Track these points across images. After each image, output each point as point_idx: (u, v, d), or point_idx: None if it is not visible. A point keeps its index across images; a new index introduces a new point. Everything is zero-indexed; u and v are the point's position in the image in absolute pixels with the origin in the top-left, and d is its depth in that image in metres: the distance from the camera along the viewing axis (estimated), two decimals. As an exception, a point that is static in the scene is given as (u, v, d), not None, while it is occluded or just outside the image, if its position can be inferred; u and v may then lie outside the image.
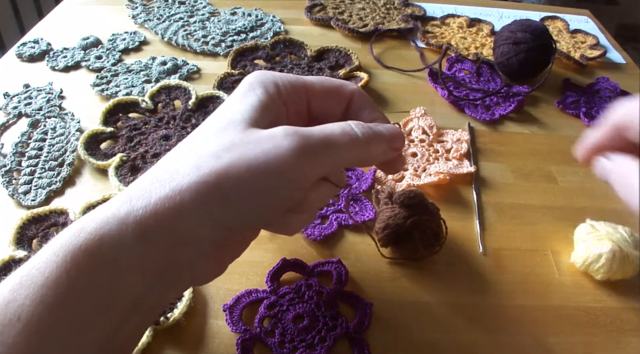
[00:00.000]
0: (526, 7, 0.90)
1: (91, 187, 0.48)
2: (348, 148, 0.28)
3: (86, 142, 0.51)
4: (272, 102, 0.30)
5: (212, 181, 0.25)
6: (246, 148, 0.26)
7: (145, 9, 0.77)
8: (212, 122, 0.29)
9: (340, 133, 0.28)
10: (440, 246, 0.42)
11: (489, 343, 0.37)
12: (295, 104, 0.31)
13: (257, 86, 0.30)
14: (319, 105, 0.32)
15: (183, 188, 0.25)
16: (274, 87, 0.30)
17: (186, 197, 0.24)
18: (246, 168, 0.25)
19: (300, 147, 0.26)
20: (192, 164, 0.26)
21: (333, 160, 0.28)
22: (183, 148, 0.28)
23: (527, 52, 0.62)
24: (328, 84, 0.32)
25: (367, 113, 0.32)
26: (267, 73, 0.31)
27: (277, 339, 0.36)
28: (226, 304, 0.37)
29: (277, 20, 0.77)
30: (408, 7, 0.82)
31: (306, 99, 0.32)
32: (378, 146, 0.30)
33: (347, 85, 0.32)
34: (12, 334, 0.22)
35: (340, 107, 0.32)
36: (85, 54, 0.66)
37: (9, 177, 0.48)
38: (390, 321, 0.38)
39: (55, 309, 0.23)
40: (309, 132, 0.27)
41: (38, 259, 0.24)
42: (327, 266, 0.41)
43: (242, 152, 0.26)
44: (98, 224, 0.24)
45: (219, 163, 0.25)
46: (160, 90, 0.59)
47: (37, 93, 0.59)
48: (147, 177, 0.26)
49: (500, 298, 0.40)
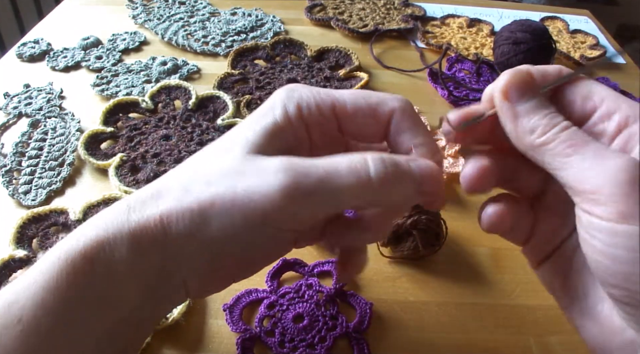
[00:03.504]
0: (526, 7, 0.90)
1: (91, 187, 0.48)
2: (353, 190, 0.24)
3: (86, 142, 0.51)
4: (289, 125, 0.26)
5: (195, 209, 0.24)
6: (237, 179, 0.24)
7: (145, 9, 0.77)
8: (223, 140, 0.27)
9: (346, 171, 0.24)
10: (440, 246, 0.42)
11: (489, 343, 0.37)
12: (320, 126, 0.27)
13: (279, 106, 0.27)
14: (352, 126, 0.27)
15: (170, 210, 0.24)
16: (295, 109, 0.26)
17: (172, 220, 0.24)
18: (231, 202, 0.24)
19: (291, 186, 0.23)
20: (184, 186, 0.25)
21: (331, 203, 0.24)
22: (190, 163, 0.27)
23: (527, 52, 0.62)
24: (362, 103, 0.27)
25: (408, 137, 0.27)
26: (296, 90, 0.27)
27: (277, 339, 0.36)
28: (226, 304, 0.37)
29: (277, 20, 0.77)
30: (408, 7, 0.82)
31: (335, 120, 0.27)
32: (400, 189, 0.25)
33: (385, 103, 0.27)
34: (13, 336, 0.22)
35: (378, 128, 0.27)
36: (86, 54, 0.66)
37: (9, 177, 0.48)
38: (390, 321, 0.38)
39: (54, 313, 0.23)
40: (309, 167, 0.24)
41: (42, 262, 0.24)
42: (327, 266, 0.41)
43: (232, 183, 0.24)
44: (97, 231, 0.24)
45: (206, 192, 0.24)
46: (160, 90, 0.59)
47: (38, 93, 0.59)
48: (149, 189, 0.26)
49: (500, 298, 0.40)
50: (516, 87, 0.24)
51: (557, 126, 0.23)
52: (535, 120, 0.24)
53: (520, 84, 0.24)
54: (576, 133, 0.23)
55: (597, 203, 0.21)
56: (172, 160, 0.50)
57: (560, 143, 0.23)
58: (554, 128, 0.23)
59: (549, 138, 0.23)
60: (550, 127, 0.23)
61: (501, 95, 0.25)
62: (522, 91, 0.24)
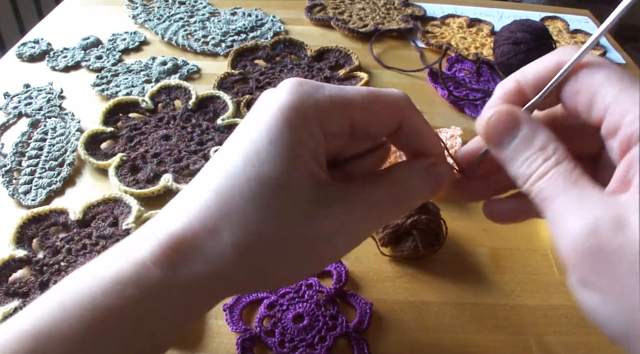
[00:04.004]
0: (526, 7, 0.90)
1: (91, 187, 0.48)
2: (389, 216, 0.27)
3: (86, 142, 0.51)
4: (312, 142, 0.24)
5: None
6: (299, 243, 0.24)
7: (145, 9, 0.77)
8: (250, 175, 0.23)
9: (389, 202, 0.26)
10: (440, 246, 0.42)
11: (489, 343, 0.37)
12: (334, 136, 0.26)
13: (298, 124, 0.23)
14: (363, 129, 0.26)
15: (227, 271, 0.24)
16: (315, 122, 0.24)
17: (234, 278, 0.24)
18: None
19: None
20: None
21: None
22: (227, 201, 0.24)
23: (527, 52, 0.62)
24: (376, 105, 0.26)
25: (415, 138, 0.28)
26: (306, 94, 0.24)
27: (277, 338, 0.36)
28: (226, 303, 0.37)
29: (277, 20, 0.77)
30: (408, 7, 0.82)
31: (349, 126, 0.25)
32: (419, 200, 0.28)
33: (398, 103, 0.26)
34: None
35: (388, 129, 0.27)
36: (86, 54, 0.66)
37: (9, 177, 0.48)
38: (390, 321, 0.38)
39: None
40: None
41: (66, 309, 0.23)
42: (327, 266, 0.41)
43: (295, 244, 0.24)
44: (142, 289, 0.23)
45: (270, 251, 0.24)
46: (160, 90, 0.59)
47: (38, 93, 0.59)
48: (190, 243, 0.23)
49: (500, 298, 0.40)
50: (495, 130, 0.24)
51: (534, 174, 0.22)
52: (516, 169, 0.23)
53: (500, 125, 0.24)
54: (550, 182, 0.22)
55: (565, 264, 0.21)
56: (172, 160, 0.50)
57: (536, 196, 0.22)
58: (531, 178, 0.23)
59: (528, 189, 0.23)
60: (526, 178, 0.23)
61: (484, 140, 0.25)
62: (501, 133, 0.24)
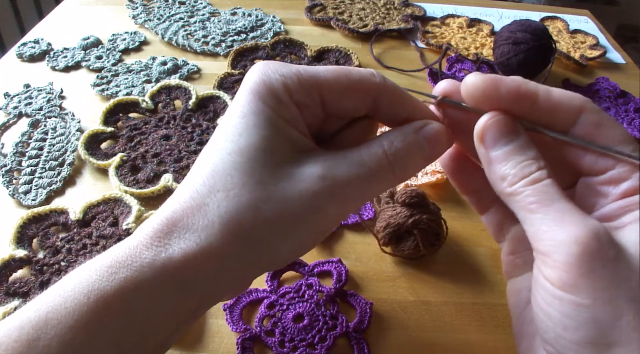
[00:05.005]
0: (526, 7, 0.90)
1: (91, 187, 0.48)
2: (378, 186, 0.26)
3: (86, 142, 0.51)
4: (286, 111, 0.25)
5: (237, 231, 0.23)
6: (284, 204, 0.24)
7: (145, 9, 0.77)
8: (229, 149, 0.24)
9: (374, 180, 0.25)
10: (440, 246, 0.42)
11: (489, 343, 0.37)
12: (306, 106, 0.26)
13: (267, 96, 0.25)
14: (336, 104, 0.27)
15: (217, 243, 0.23)
16: (284, 92, 0.25)
17: (225, 250, 0.23)
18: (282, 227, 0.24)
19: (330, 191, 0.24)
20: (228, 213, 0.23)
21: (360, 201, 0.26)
22: (206, 184, 0.24)
23: (527, 52, 0.62)
24: (345, 80, 0.26)
25: (397, 112, 0.27)
26: (271, 71, 0.25)
27: (277, 338, 0.36)
28: (226, 303, 0.37)
29: (277, 20, 0.77)
30: (408, 7, 0.82)
31: (319, 99, 0.26)
32: (413, 169, 0.27)
33: (369, 79, 0.26)
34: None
35: (362, 105, 0.27)
36: (86, 54, 0.66)
37: (9, 177, 0.48)
38: (390, 321, 0.38)
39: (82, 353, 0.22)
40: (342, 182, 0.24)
41: (64, 296, 0.23)
42: (327, 266, 0.41)
43: (281, 206, 0.23)
44: (134, 271, 0.23)
45: (257, 216, 0.23)
46: (160, 90, 0.59)
47: (38, 93, 0.59)
48: (179, 223, 0.24)
49: (501, 298, 0.40)
50: (492, 131, 0.24)
51: (527, 178, 0.23)
52: (506, 169, 0.23)
53: (498, 128, 0.24)
54: (545, 189, 0.22)
55: (546, 265, 0.22)
56: (172, 160, 0.50)
57: (525, 197, 0.23)
58: (523, 180, 0.23)
59: (516, 190, 0.23)
60: (518, 178, 0.23)
61: (477, 138, 0.25)
62: (498, 136, 0.24)
